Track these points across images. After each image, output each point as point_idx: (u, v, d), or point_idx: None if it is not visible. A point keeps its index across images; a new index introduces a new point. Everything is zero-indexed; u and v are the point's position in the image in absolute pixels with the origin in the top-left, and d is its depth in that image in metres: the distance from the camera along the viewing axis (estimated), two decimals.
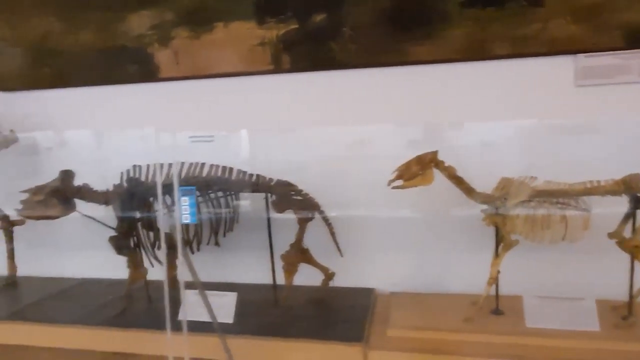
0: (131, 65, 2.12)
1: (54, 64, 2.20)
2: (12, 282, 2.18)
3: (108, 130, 2.16)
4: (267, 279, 1.85)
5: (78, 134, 2.17)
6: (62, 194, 1.83)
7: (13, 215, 2.16)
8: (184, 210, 1.09)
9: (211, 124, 2.07)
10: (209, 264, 1.87)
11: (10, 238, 2.18)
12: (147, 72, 2.10)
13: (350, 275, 1.94)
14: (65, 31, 2.16)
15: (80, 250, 2.27)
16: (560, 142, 1.74)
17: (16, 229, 2.20)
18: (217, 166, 1.76)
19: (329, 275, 1.85)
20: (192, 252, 1.80)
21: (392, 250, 1.97)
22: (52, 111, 2.24)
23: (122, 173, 1.82)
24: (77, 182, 1.86)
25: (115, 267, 2.13)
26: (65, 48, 2.17)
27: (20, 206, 1.86)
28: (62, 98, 2.22)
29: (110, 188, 1.82)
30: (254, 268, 1.94)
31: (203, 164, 1.76)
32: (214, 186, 1.74)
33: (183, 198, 1.08)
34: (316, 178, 1.85)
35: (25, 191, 1.85)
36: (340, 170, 1.95)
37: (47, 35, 2.19)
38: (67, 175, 1.84)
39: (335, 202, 1.83)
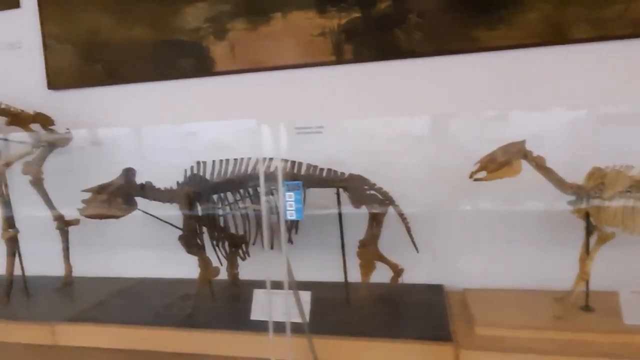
0: (186, 60, 2.07)
1: (106, 60, 2.16)
2: (69, 282, 2.15)
3: (161, 126, 2.13)
4: (335, 276, 1.80)
5: (130, 131, 2.13)
6: (125, 193, 1.78)
7: (70, 214, 2.13)
8: (289, 206, 1.04)
9: (269, 117, 2.01)
10: (277, 262, 1.82)
11: (65, 238, 2.15)
12: (202, 66, 2.05)
13: (415, 271, 1.88)
14: (117, 25, 2.12)
15: (134, 249, 2.24)
16: None
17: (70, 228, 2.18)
18: (286, 161, 1.70)
19: (398, 272, 1.79)
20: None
21: (459, 246, 1.90)
22: (104, 109, 2.20)
23: (185, 170, 1.78)
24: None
25: (172, 266, 2.13)
26: (117, 43, 2.13)
27: (82, 205, 1.82)
28: (114, 95, 2.18)
29: (174, 186, 1.78)
30: (323, 265, 1.88)
31: (271, 159, 1.71)
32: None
33: (288, 194, 1.03)
34: (382, 171, 1.79)
35: (87, 190, 1.81)
36: (409, 162, 1.88)
37: (98, 31, 2.15)
38: (129, 173, 1.80)
39: (405, 197, 1.77)
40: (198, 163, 1.76)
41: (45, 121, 1.97)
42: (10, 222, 1.94)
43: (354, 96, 1.91)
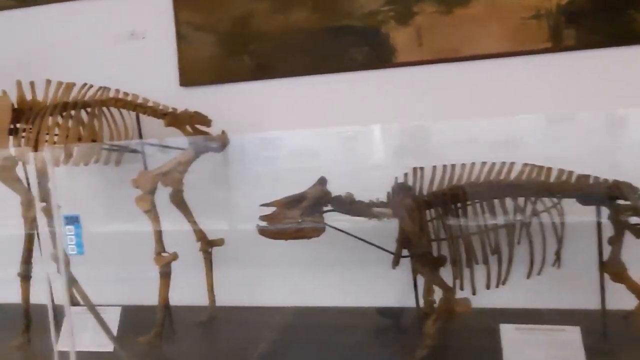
0: (358, 49, 1.76)
1: (256, 51, 1.84)
2: (213, 315, 1.80)
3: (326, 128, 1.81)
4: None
5: (290, 133, 1.80)
6: (318, 207, 1.46)
7: (212, 233, 1.79)
8: None
9: (462, 114, 1.71)
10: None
11: (209, 261, 1.80)
12: (378, 57, 1.74)
13: None
14: (272, 11, 1.81)
15: (283, 273, 1.90)
16: None
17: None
18: (532, 166, 1.40)
19: None
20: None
21: None
22: (250, 107, 1.87)
23: (396, 178, 1.46)
24: None
25: (331, 292, 1.81)
26: (271, 32, 1.82)
27: (261, 223, 1.50)
28: (263, 91, 1.86)
29: (378, 198, 1.46)
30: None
31: (512, 164, 1.40)
32: (528, 191, 1.38)
33: None
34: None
35: (270, 204, 1.49)
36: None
37: (249, 18, 1.83)
38: (323, 183, 1.48)
39: None
40: (415, 170, 1.45)
41: (203, 122, 1.64)
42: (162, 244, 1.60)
43: (576, 88, 1.62)
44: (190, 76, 1.90)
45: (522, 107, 1.66)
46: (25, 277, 1.65)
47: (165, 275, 1.58)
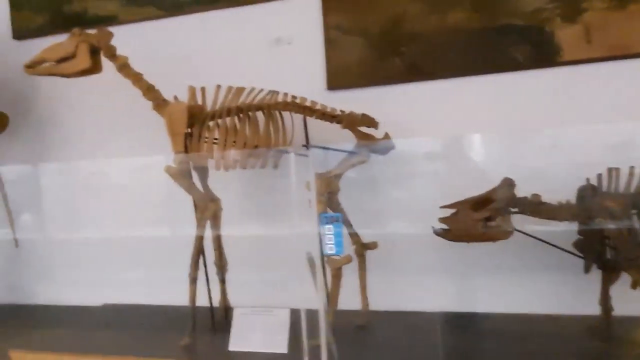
0: (519, 48, 1.72)
1: (408, 53, 1.83)
2: (367, 320, 1.78)
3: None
4: None
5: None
6: (506, 208, 1.43)
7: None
8: None
9: (632, 115, 1.64)
10: None
11: (364, 265, 1.79)
12: (542, 56, 1.70)
13: None
14: (427, 12, 1.80)
15: (426, 276, 1.86)
16: None
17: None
18: None
19: None
20: None
21: None
22: (404, 109, 1.85)
23: (587, 179, 1.41)
24: None
25: (481, 296, 1.76)
26: (425, 33, 1.80)
27: (442, 225, 1.47)
28: (418, 93, 1.83)
29: (568, 200, 1.42)
30: None
31: None
32: None
33: None
34: None
35: (450, 206, 1.47)
36: None
37: (401, 20, 1.83)
38: (511, 185, 1.44)
39: None
40: (609, 170, 1.40)
41: (371, 123, 1.63)
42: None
43: None
44: (337, 79, 1.91)
45: None
46: (194, 279, 1.68)
47: (338, 278, 1.58)
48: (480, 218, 1.41)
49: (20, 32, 2.26)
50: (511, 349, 1.48)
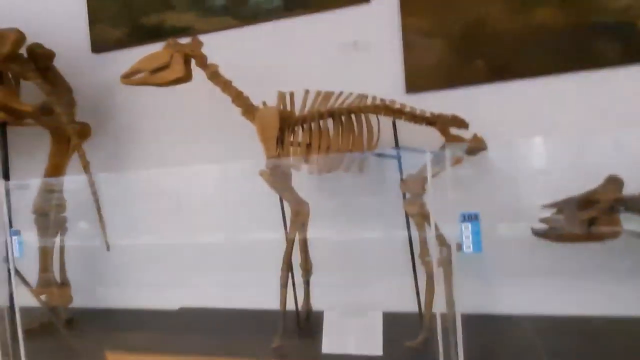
0: (608, 45, 1.69)
1: (490, 53, 1.82)
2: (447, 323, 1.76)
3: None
4: None
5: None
6: (614, 207, 1.40)
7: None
8: None
9: None
10: None
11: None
12: (633, 52, 1.67)
13: None
14: (510, 11, 1.79)
15: (518, 280, 1.84)
16: None
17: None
18: None
19: None
20: None
21: None
22: (487, 110, 1.82)
23: None
24: None
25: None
26: (508, 33, 1.79)
27: (543, 226, 1.46)
28: (502, 93, 1.82)
29: None
30: None
31: None
32: None
33: None
34: None
35: (553, 205, 1.45)
36: None
37: (482, 21, 1.82)
38: (616, 182, 1.42)
39: None
40: None
41: (462, 124, 1.63)
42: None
43: None
44: (417, 82, 1.91)
45: None
46: (285, 283, 1.70)
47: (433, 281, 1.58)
48: (586, 218, 1.38)
49: (99, 46, 2.36)
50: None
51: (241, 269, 2.09)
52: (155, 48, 2.05)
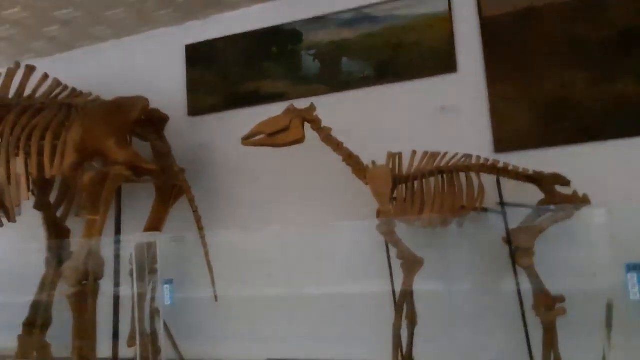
0: None
1: (574, 118, 1.98)
2: None
3: None
4: None
5: None
6: None
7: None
8: None
9: None
10: None
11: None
12: None
13: None
14: (591, 81, 1.97)
15: None
16: None
17: None
18: None
19: None
20: None
21: None
22: (574, 170, 1.94)
23: None
24: None
25: None
26: (591, 99, 1.96)
27: None
28: (590, 153, 1.96)
29: None
30: None
31: None
32: None
33: None
34: None
35: None
36: None
37: (566, 89, 2.00)
38: None
39: None
40: None
41: (564, 182, 1.76)
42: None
43: None
44: (504, 143, 2.07)
45: None
46: (399, 333, 1.76)
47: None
48: None
49: (195, 110, 2.57)
50: None
51: (338, 323, 2.15)
52: (250, 113, 2.25)
